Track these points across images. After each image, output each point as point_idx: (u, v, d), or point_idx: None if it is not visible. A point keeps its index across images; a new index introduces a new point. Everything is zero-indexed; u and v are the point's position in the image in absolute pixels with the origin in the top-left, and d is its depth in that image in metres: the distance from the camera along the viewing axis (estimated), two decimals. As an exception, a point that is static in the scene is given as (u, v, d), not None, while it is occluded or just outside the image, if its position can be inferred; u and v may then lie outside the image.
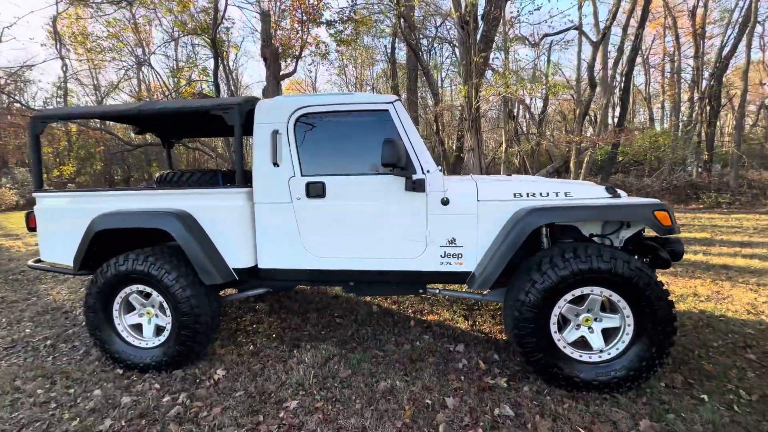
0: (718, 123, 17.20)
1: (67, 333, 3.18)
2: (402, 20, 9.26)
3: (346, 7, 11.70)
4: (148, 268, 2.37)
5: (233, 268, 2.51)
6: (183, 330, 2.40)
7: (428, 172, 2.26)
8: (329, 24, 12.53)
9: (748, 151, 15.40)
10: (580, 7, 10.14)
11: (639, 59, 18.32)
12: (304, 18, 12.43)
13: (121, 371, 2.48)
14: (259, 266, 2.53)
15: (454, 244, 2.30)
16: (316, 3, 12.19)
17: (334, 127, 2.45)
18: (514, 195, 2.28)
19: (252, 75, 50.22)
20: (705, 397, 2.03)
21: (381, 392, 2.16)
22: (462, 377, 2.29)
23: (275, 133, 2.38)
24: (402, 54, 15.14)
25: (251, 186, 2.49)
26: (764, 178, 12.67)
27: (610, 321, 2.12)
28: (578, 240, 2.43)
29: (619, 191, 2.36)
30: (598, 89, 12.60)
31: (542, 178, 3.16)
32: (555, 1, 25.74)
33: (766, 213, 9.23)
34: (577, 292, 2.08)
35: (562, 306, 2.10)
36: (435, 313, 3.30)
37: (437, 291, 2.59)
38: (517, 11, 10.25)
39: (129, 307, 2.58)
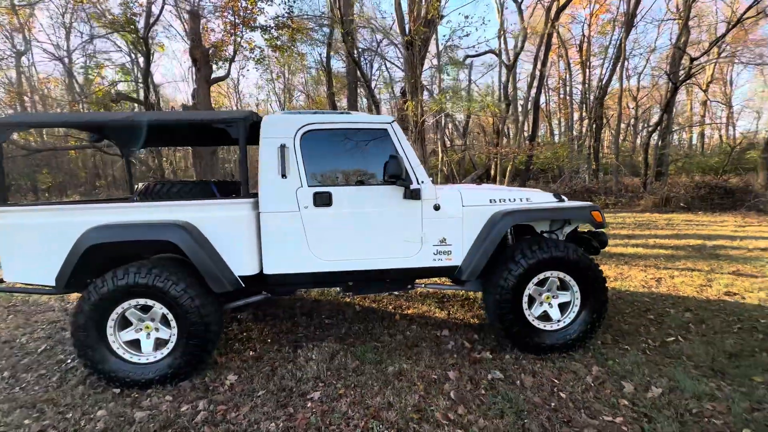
0: (601, 137, 20.80)
1: (22, 363, 2.86)
2: (347, 36, 9.65)
3: (281, 16, 11.68)
4: (152, 280, 2.36)
5: (239, 276, 2.60)
6: (192, 340, 2.42)
7: (422, 182, 2.66)
8: (264, 29, 12.35)
9: (623, 161, 18.95)
10: (499, 36, 11.61)
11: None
12: (237, 21, 12.11)
13: (118, 390, 2.39)
14: (266, 272, 2.66)
15: (444, 243, 2.74)
16: (249, 7, 11.96)
17: (337, 142, 2.72)
18: (490, 201, 2.80)
19: (165, 74, 45.88)
20: (628, 347, 2.75)
21: (392, 375, 2.47)
22: (455, 355, 2.72)
23: (283, 147, 2.57)
24: (338, 64, 15.50)
25: (254, 196, 2.63)
26: (635, 183, 15.72)
27: (564, 296, 2.74)
28: (532, 235, 3.05)
29: (562, 196, 3.04)
30: (512, 106, 14.45)
31: (504, 186, 3.76)
32: (482, 30, 28.83)
33: (641, 211, 11.57)
34: (541, 276, 2.66)
35: (530, 288, 2.67)
36: (413, 308, 3.71)
37: (422, 286, 3.01)
38: (449, 36, 11.37)
39: (124, 323, 2.49)
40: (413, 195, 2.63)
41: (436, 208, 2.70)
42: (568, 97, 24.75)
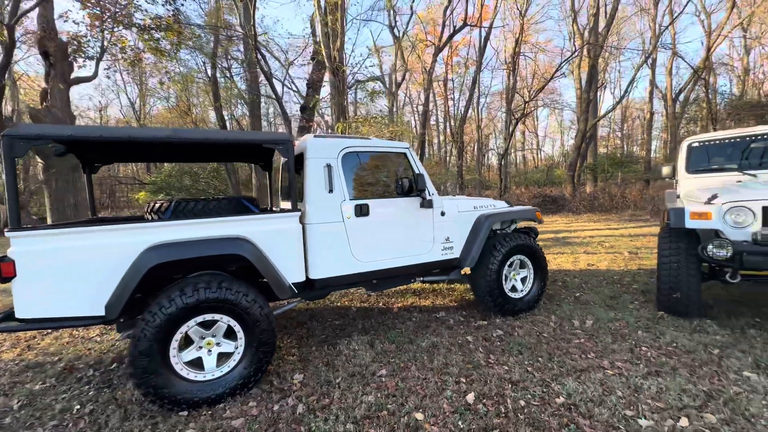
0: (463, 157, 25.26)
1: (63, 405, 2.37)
2: (257, 52, 9.56)
3: (163, 16, 10.68)
4: (224, 294, 2.43)
5: (292, 283, 2.84)
6: (261, 347, 2.56)
7: (433, 194, 3.43)
8: (142, 29, 11.07)
9: (473, 178, 23.46)
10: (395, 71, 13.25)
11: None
12: (105, 14, 10.60)
13: (185, 413, 2.34)
14: (313, 278, 2.95)
15: (448, 241, 3.55)
16: (122, 2, 10.62)
17: (367, 162, 3.25)
18: (474, 207, 3.76)
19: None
20: (558, 303, 4.07)
21: (429, 347, 3.11)
22: (461, 327, 3.53)
23: (329, 166, 2.97)
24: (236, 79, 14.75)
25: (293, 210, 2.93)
26: (492, 195, 19.79)
27: (524, 272, 3.88)
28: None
29: (510, 202, 4.24)
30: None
31: (476, 197, 4.65)
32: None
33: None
34: (512, 259, 3.74)
35: (505, 269, 3.71)
36: (401, 302, 4.37)
37: (421, 279, 3.74)
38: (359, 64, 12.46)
39: (185, 343, 2.44)
40: (427, 204, 3.37)
41: (443, 213, 3.50)
42: (434, 124, 29.25)
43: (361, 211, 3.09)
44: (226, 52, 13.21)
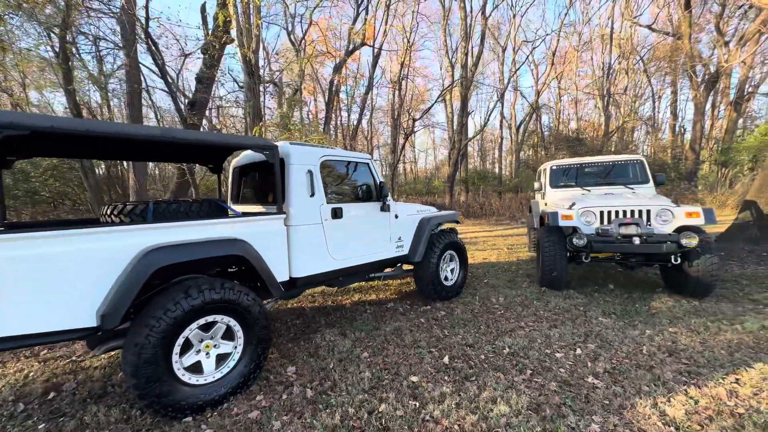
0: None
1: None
2: (149, 38, 8.39)
3: None
4: (226, 294, 2.48)
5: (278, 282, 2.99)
6: (260, 345, 2.67)
7: (390, 199, 3.98)
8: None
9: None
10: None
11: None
12: None
13: (190, 418, 2.31)
14: (295, 276, 3.15)
15: (400, 240, 4.14)
16: None
17: (339, 170, 3.60)
18: (417, 211, 4.46)
19: None
20: (479, 289, 5.10)
21: (394, 330, 3.63)
22: (411, 313, 4.15)
23: (310, 172, 3.23)
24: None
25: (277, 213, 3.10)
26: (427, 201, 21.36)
27: (454, 264, 4.76)
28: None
29: (435, 208, 5.10)
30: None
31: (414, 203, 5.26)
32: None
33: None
34: (446, 253, 4.56)
35: (444, 258, 4.51)
36: (349, 298, 4.74)
37: (373, 276, 4.25)
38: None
39: (184, 348, 2.38)
40: (387, 209, 3.91)
41: (396, 216, 4.09)
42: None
43: (336, 214, 3.43)
44: (91, 33, 11.08)
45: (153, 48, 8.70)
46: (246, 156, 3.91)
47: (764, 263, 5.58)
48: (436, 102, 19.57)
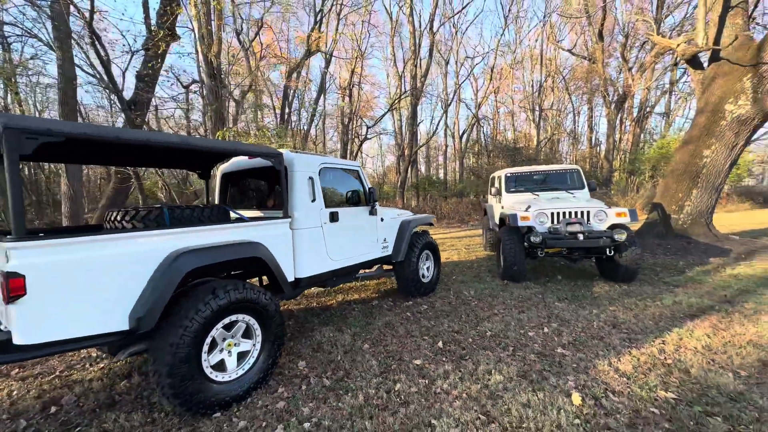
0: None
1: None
2: (93, 34, 7.71)
3: None
4: (247, 294, 2.62)
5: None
6: (276, 342, 2.84)
7: (376, 204, 4.30)
8: None
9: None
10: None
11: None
12: None
13: (219, 414, 2.42)
14: (299, 276, 3.33)
15: (385, 241, 4.48)
16: None
17: (333, 176, 3.84)
18: (398, 215, 4.83)
19: None
20: (451, 285, 5.59)
21: (386, 324, 3.95)
22: (397, 309, 4.49)
23: (311, 179, 3.45)
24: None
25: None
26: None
27: (429, 262, 5.20)
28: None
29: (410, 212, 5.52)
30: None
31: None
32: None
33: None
34: (423, 253, 4.99)
35: (422, 254, 4.92)
36: (333, 299, 4.95)
37: (359, 276, 4.54)
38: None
39: (210, 347, 2.47)
40: (373, 212, 4.23)
41: (382, 219, 4.42)
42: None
43: (333, 217, 3.67)
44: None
45: (97, 43, 8.06)
46: (234, 163, 3.99)
47: (670, 254, 6.86)
48: (389, 110, 20.23)
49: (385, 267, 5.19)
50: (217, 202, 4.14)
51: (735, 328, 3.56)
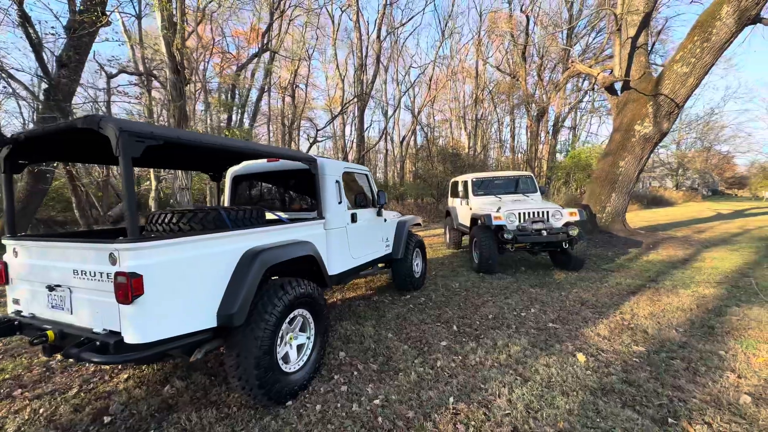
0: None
1: None
2: (23, 14, 6.68)
3: None
4: (306, 289, 2.82)
5: (323, 279, 3.37)
6: (325, 334, 3.05)
7: (382, 206, 4.65)
8: None
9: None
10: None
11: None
12: None
13: (290, 402, 2.58)
14: (331, 273, 3.55)
15: (388, 240, 4.84)
16: None
17: (350, 180, 4.10)
18: (394, 216, 5.21)
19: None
20: (436, 278, 6.12)
21: (397, 316, 4.31)
22: (399, 302, 4.87)
23: (337, 182, 3.69)
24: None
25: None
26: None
27: (419, 258, 5.67)
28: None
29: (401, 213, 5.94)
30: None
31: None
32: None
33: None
34: (416, 248, 5.45)
35: (415, 252, 5.37)
36: (333, 297, 5.14)
37: (363, 273, 4.85)
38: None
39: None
40: (380, 213, 4.58)
41: (385, 220, 4.78)
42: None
43: (354, 218, 3.95)
44: None
45: (26, 23, 7.05)
46: (247, 166, 4.03)
47: (599, 246, 8.29)
48: (340, 114, 20.39)
49: (380, 264, 5.53)
50: (226, 204, 4.11)
51: (664, 299, 4.64)
